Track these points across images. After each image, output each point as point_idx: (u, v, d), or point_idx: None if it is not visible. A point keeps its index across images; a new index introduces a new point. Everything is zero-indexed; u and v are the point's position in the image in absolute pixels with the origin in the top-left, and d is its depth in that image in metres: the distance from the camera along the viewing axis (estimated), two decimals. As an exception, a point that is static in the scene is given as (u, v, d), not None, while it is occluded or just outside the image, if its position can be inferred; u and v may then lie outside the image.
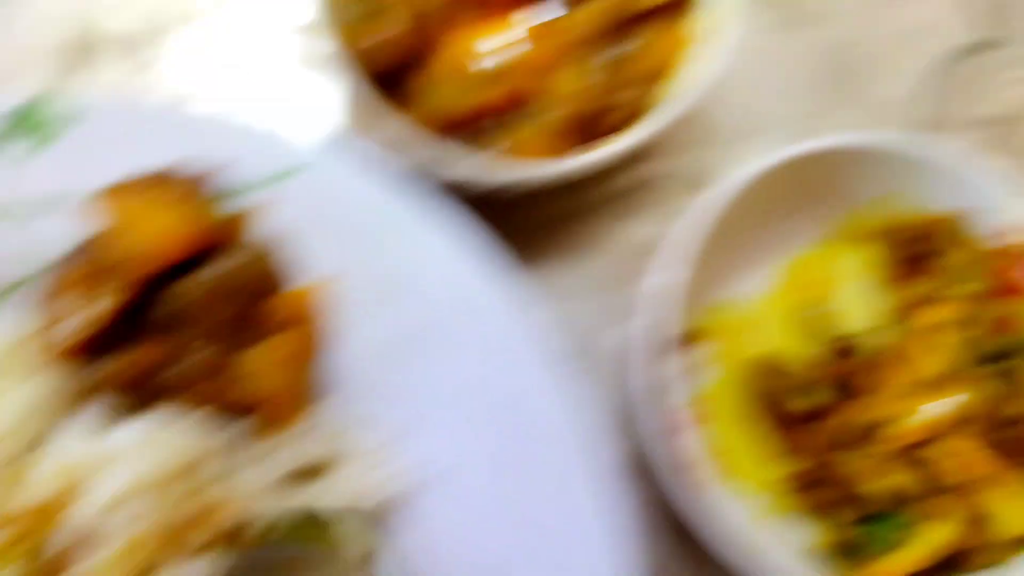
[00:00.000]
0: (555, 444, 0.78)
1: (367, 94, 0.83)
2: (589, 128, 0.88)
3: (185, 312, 0.75)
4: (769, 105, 1.00)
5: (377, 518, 0.78)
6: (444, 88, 0.87)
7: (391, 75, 0.88)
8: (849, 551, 0.81)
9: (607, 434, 0.85)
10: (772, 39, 1.03)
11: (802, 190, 0.87)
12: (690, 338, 0.86)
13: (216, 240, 0.77)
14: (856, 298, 0.86)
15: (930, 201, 0.87)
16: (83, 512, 0.68)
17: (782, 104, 1.00)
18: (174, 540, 0.69)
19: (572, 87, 0.87)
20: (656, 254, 0.83)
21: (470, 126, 0.89)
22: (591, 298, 0.93)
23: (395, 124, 0.84)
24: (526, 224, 0.94)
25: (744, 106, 1.00)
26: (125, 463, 0.69)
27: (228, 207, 0.79)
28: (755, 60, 1.02)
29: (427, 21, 0.88)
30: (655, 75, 0.89)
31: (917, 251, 0.86)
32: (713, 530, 0.75)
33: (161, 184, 0.76)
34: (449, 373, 0.80)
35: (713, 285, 0.88)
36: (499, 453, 0.78)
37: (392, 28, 0.85)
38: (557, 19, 0.92)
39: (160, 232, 0.74)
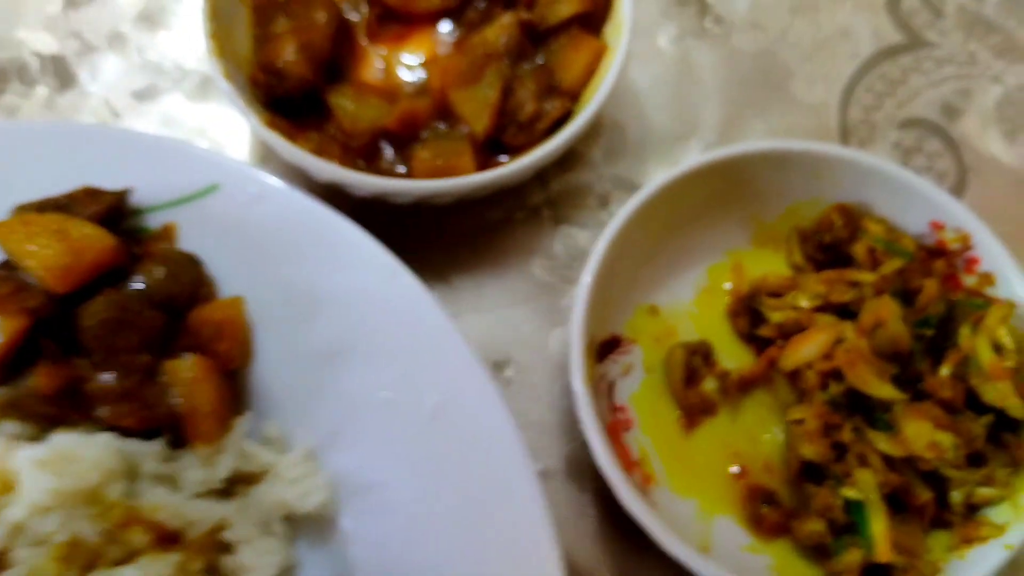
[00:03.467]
0: (483, 451, 0.80)
1: (262, 120, 0.87)
2: (509, 140, 0.92)
3: (101, 330, 0.77)
4: (696, 112, 1.05)
5: (301, 530, 0.79)
6: (356, 107, 0.92)
7: (308, 95, 0.93)
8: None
9: (548, 437, 0.90)
10: (696, 47, 1.09)
11: (728, 194, 0.91)
12: (623, 341, 0.89)
13: (133, 258, 0.80)
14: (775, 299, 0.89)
15: (860, 206, 0.91)
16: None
17: (708, 110, 1.05)
18: (94, 552, 0.71)
19: (487, 101, 0.91)
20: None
21: (388, 141, 0.93)
22: (535, 301, 0.97)
23: (304, 145, 0.89)
24: (463, 234, 0.98)
25: (673, 113, 1.05)
26: (36, 481, 0.71)
27: (146, 225, 0.83)
28: (681, 68, 1.08)
29: (333, 42, 0.92)
30: (570, 87, 0.94)
31: (833, 244, 0.90)
32: (654, 528, 0.77)
33: (77, 203, 0.80)
34: (373, 385, 0.82)
35: (645, 289, 0.92)
36: (426, 463, 0.81)
37: (282, 57, 0.89)
38: (470, 34, 0.97)
39: (72, 252, 0.77)
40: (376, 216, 0.90)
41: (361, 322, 0.83)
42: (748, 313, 0.90)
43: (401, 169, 0.91)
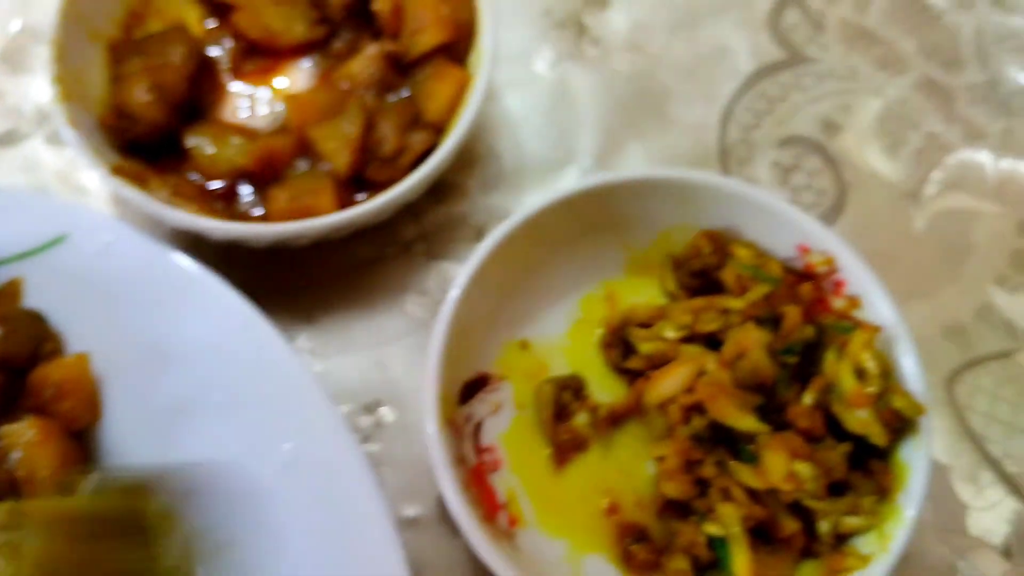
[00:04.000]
0: (338, 503, 0.79)
1: (108, 167, 0.86)
2: (373, 176, 0.91)
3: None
4: (574, 137, 1.05)
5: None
6: (214, 148, 0.90)
7: (164, 137, 0.91)
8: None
9: (423, 480, 0.88)
10: (574, 71, 1.08)
11: (598, 223, 0.90)
12: (492, 379, 0.88)
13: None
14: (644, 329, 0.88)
15: (728, 231, 0.90)
16: None
17: (586, 135, 1.04)
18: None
19: (347, 137, 0.90)
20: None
21: (249, 182, 0.91)
22: (408, 339, 0.95)
23: (161, 189, 0.87)
24: (333, 272, 0.97)
25: (551, 139, 1.04)
26: None
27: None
28: (558, 93, 1.07)
29: (191, 80, 0.91)
30: (435, 119, 0.93)
31: (704, 271, 0.89)
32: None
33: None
34: (225, 439, 0.81)
35: (515, 324, 0.90)
36: (279, 518, 0.79)
37: (133, 98, 0.88)
38: (336, 68, 0.95)
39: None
40: (242, 258, 0.89)
41: (213, 374, 0.81)
42: (620, 344, 0.89)
43: (259, 211, 0.89)
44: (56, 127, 0.88)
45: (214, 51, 0.98)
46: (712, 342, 0.85)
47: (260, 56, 0.97)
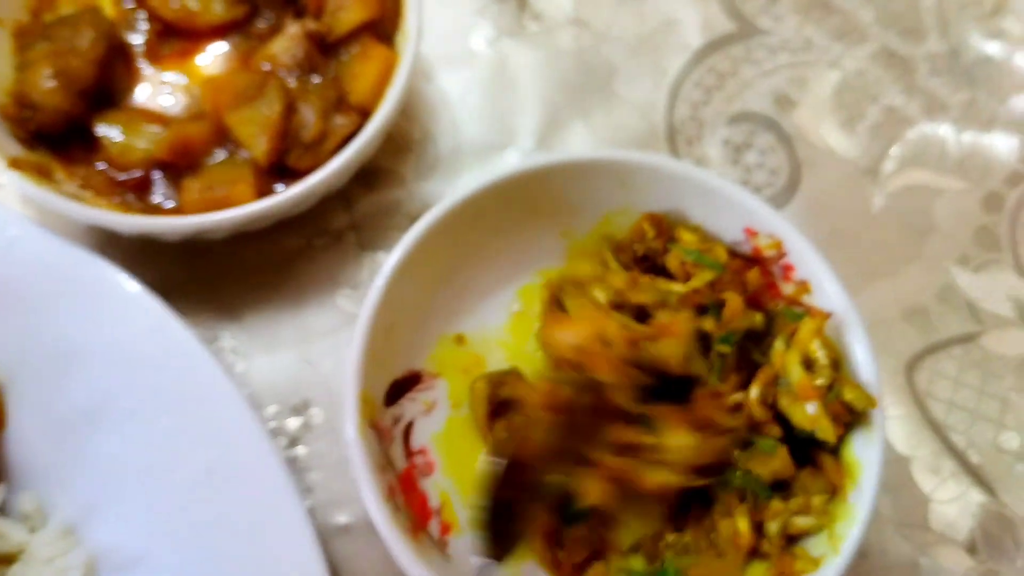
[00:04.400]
0: (257, 514, 0.75)
1: (5, 159, 0.81)
2: (294, 163, 0.86)
3: None
4: (514, 118, 1.00)
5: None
6: (126, 137, 0.85)
7: (72, 126, 0.86)
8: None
9: (356, 485, 0.82)
10: (514, 48, 1.03)
11: (535, 209, 0.85)
12: (424, 376, 0.84)
13: None
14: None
15: (672, 214, 0.86)
16: None
17: (527, 116, 1.00)
18: None
19: (266, 122, 0.85)
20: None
21: (164, 172, 0.86)
22: (340, 335, 0.91)
23: (69, 181, 0.82)
24: (258, 266, 0.92)
25: (490, 121, 1.00)
26: None
27: None
28: (498, 72, 1.02)
29: (100, 66, 0.85)
30: (361, 102, 0.88)
31: (648, 255, 0.84)
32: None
33: None
34: (137, 447, 0.77)
35: (449, 317, 0.86)
36: (194, 531, 0.75)
37: (37, 86, 0.83)
38: (257, 49, 0.90)
39: None
40: (160, 253, 0.86)
41: (124, 378, 0.77)
42: (557, 307, 0.84)
43: (173, 203, 0.84)
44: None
45: (130, 35, 0.91)
46: (643, 316, 0.79)
47: (178, 38, 0.92)
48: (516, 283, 0.88)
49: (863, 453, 0.73)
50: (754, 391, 0.76)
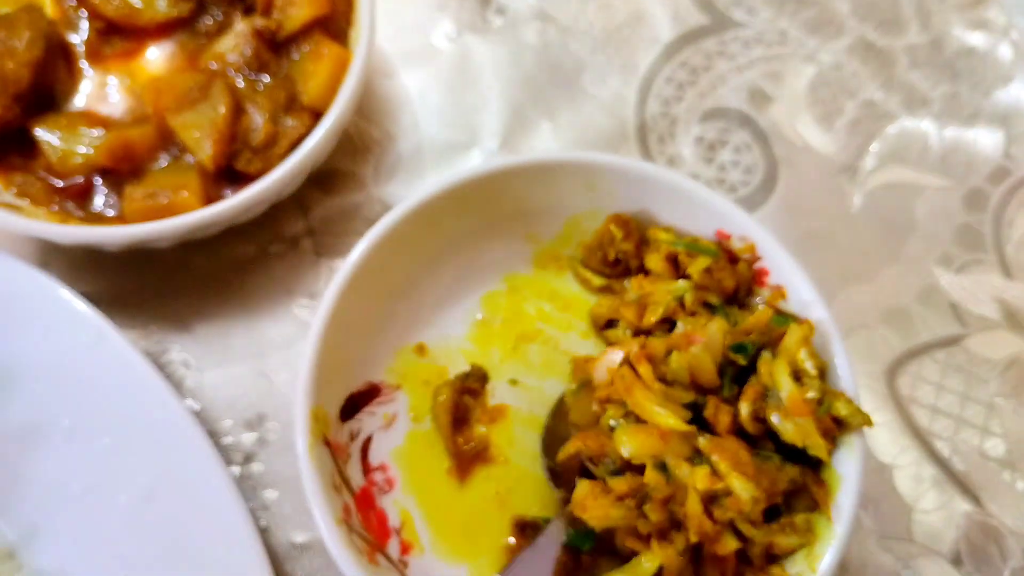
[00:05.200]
0: (206, 536, 0.72)
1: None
2: (243, 167, 0.82)
3: None
4: (478, 117, 0.97)
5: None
6: (65, 142, 0.81)
7: (9, 131, 0.82)
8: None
9: (303, 509, 0.79)
10: (477, 44, 1.00)
11: (497, 212, 0.82)
12: (383, 389, 0.80)
13: None
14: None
15: (641, 215, 0.83)
16: None
17: (491, 114, 0.97)
18: None
19: (212, 125, 0.81)
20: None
21: (106, 179, 0.82)
22: (295, 346, 0.88)
23: (4, 189, 0.79)
24: (209, 274, 0.89)
25: (452, 120, 0.96)
26: None
27: None
28: (460, 69, 0.98)
29: (37, 68, 0.82)
30: (313, 102, 0.84)
31: (620, 259, 0.81)
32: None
33: None
34: (77, 467, 0.74)
35: (409, 327, 0.83)
36: (140, 554, 0.72)
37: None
38: (204, 48, 0.86)
39: None
40: (104, 263, 0.83)
41: (63, 395, 0.74)
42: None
43: (115, 211, 0.80)
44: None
45: (72, 35, 0.87)
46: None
47: (121, 38, 0.88)
48: (480, 290, 0.85)
49: (843, 468, 0.70)
50: (744, 407, 0.72)
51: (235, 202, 0.77)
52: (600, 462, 0.72)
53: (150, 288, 0.85)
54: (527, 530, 0.76)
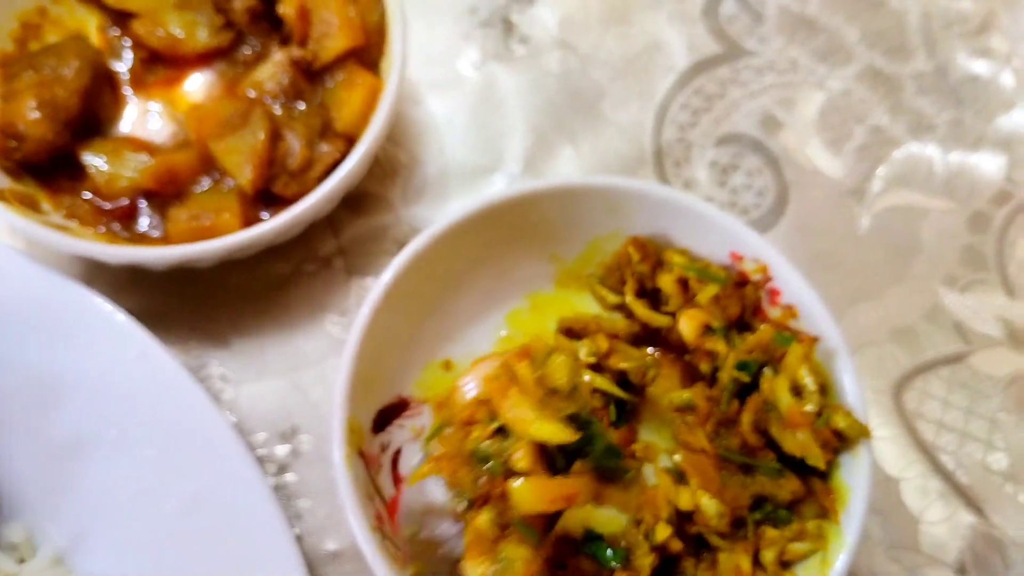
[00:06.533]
0: (246, 543, 0.76)
1: (4, 190, 0.83)
2: (281, 191, 0.86)
3: None
4: (502, 142, 1.01)
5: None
6: (111, 166, 0.86)
7: (58, 156, 0.87)
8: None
9: (334, 518, 0.85)
10: (501, 72, 1.04)
11: (522, 233, 0.86)
12: (412, 403, 0.84)
13: None
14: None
15: (658, 238, 0.86)
16: None
17: (515, 139, 1.01)
18: None
19: (251, 151, 0.85)
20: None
21: (151, 201, 0.87)
22: (328, 361, 0.92)
23: (47, 215, 0.83)
24: (246, 292, 0.93)
25: (477, 145, 1.00)
26: None
27: None
28: (485, 95, 1.03)
29: (85, 95, 0.86)
30: (346, 129, 0.88)
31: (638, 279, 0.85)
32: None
33: None
34: (124, 476, 0.77)
35: (436, 343, 0.86)
36: (184, 560, 0.75)
37: (22, 116, 0.83)
38: (242, 77, 0.91)
39: None
40: (147, 281, 0.86)
41: (110, 407, 0.78)
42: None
43: (160, 232, 0.84)
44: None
45: (116, 63, 0.92)
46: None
47: (163, 66, 0.92)
48: (504, 308, 0.89)
49: (852, 478, 0.74)
50: (746, 418, 0.76)
51: (275, 224, 0.81)
52: (457, 491, 0.72)
53: (189, 305, 0.89)
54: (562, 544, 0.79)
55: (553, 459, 0.70)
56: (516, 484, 0.67)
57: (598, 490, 0.72)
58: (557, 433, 0.68)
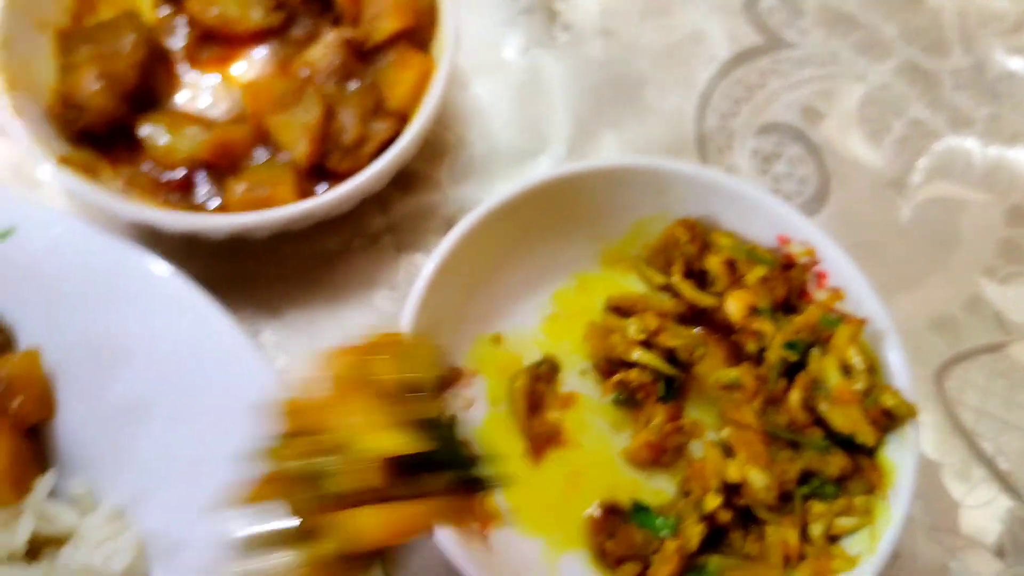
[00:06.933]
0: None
1: (55, 158, 0.84)
2: (334, 166, 0.88)
3: None
4: (546, 125, 1.02)
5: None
6: (169, 138, 0.87)
7: (116, 127, 0.88)
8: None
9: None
10: (544, 57, 1.05)
11: (571, 213, 0.87)
12: (464, 374, 0.85)
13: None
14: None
15: (704, 220, 0.88)
16: None
17: (559, 123, 1.02)
18: None
19: (306, 126, 0.87)
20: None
21: (207, 173, 0.88)
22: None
23: (113, 181, 0.84)
24: (299, 265, 0.94)
25: (522, 128, 1.02)
26: None
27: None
28: (529, 80, 1.04)
29: (142, 69, 0.87)
30: (398, 107, 0.90)
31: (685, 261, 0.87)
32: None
33: None
34: (183, 437, 0.78)
35: (486, 318, 0.88)
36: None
37: (82, 88, 0.85)
38: (295, 55, 0.92)
39: None
40: (202, 250, 0.87)
41: (170, 370, 0.79)
42: None
43: (217, 202, 0.86)
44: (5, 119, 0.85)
45: (169, 39, 0.93)
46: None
47: (216, 44, 0.94)
48: (551, 286, 0.90)
49: (898, 457, 0.75)
50: (794, 395, 0.77)
51: (329, 198, 0.82)
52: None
53: (243, 275, 0.91)
54: (612, 514, 0.81)
55: (410, 471, 0.55)
56: (352, 512, 0.54)
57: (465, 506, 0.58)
58: (402, 443, 0.54)
